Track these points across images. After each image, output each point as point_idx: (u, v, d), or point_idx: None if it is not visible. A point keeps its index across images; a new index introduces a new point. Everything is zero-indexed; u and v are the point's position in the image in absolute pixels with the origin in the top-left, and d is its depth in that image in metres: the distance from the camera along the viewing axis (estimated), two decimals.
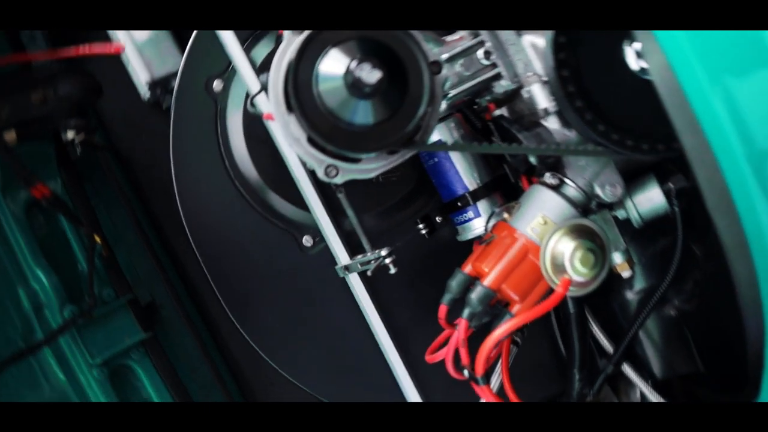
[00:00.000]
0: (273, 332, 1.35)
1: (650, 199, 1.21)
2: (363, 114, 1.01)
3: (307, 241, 1.34)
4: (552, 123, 1.16)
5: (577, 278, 1.09)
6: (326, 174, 1.07)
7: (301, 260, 1.35)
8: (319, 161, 1.06)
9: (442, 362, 1.18)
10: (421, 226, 1.36)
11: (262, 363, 1.37)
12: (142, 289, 1.48)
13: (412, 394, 1.33)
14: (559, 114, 1.15)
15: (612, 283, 1.30)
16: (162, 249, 1.52)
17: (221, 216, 1.34)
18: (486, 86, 1.20)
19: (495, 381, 1.22)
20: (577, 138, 1.15)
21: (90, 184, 1.42)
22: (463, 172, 1.28)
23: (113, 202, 1.47)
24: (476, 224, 1.29)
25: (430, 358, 1.22)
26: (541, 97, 1.15)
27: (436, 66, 1.08)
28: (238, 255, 1.35)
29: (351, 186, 1.19)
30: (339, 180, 1.07)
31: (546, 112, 1.15)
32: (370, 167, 1.07)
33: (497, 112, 1.27)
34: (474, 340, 1.14)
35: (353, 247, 1.31)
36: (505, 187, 1.31)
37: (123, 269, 1.45)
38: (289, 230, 1.34)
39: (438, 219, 1.37)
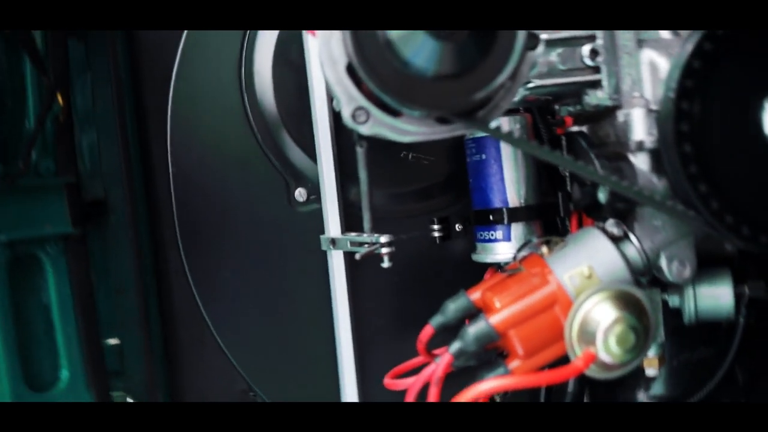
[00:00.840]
0: (221, 284, 1.12)
1: (716, 296, 0.98)
2: (427, 57, 0.77)
3: (299, 194, 1.11)
4: (641, 161, 0.92)
5: (604, 357, 0.85)
6: (353, 117, 0.83)
7: (285, 214, 1.11)
8: (351, 99, 0.82)
9: (399, 391, 0.95)
10: (436, 227, 1.12)
11: (198, 316, 1.14)
12: (97, 183, 1.25)
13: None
14: (654, 154, 0.91)
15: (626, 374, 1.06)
16: (137, 146, 1.28)
17: (214, 128, 1.11)
18: (576, 91, 0.96)
19: None
20: (665, 190, 0.91)
21: (78, 43, 1.18)
22: (510, 183, 1.05)
23: (102, 79, 1.23)
24: (502, 248, 1.05)
25: (390, 383, 0.98)
26: (639, 127, 0.91)
27: (533, 39, 0.85)
28: (216, 179, 1.11)
29: (374, 148, 0.96)
30: (366, 129, 0.83)
31: (639, 147, 0.91)
32: (408, 129, 0.83)
33: (574, 128, 1.03)
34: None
35: (349, 222, 1.07)
36: (549, 219, 1.08)
37: (82, 150, 1.21)
38: (284, 175, 1.10)
39: (458, 226, 1.13)
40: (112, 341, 1.31)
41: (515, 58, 0.77)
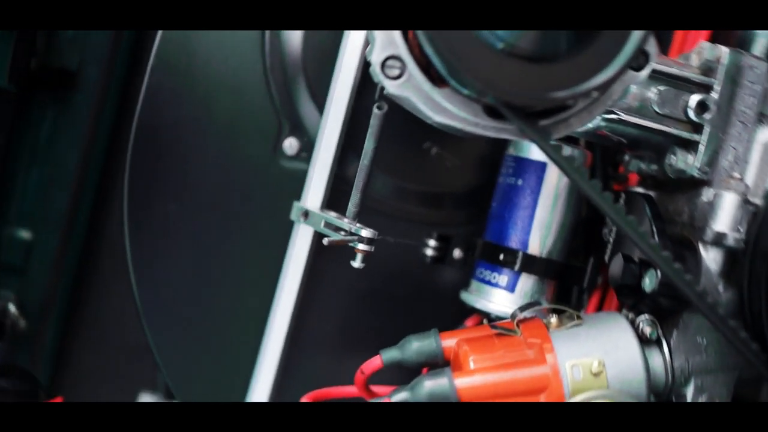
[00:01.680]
0: (158, 218, 0.90)
1: None
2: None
3: (289, 145, 0.89)
4: (712, 259, 0.72)
5: None
6: (384, 67, 0.62)
7: (263, 162, 0.90)
8: (388, 43, 0.61)
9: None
10: (432, 244, 0.90)
11: (123, 248, 0.92)
12: (74, 52, 1.04)
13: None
14: (732, 256, 0.71)
15: None
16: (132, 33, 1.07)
17: (215, 34, 0.89)
18: (661, 146, 0.76)
19: None
20: (730, 305, 0.71)
21: None
22: (538, 225, 0.84)
23: None
24: (500, 298, 0.85)
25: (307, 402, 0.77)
26: (726, 217, 0.71)
27: (642, 56, 0.64)
28: (199, 92, 0.89)
29: (395, 121, 0.76)
30: (393, 87, 0.62)
31: (717, 240, 0.70)
32: (446, 107, 0.63)
33: (638, 189, 0.82)
34: None
35: (334, 199, 0.86)
36: (567, 285, 0.87)
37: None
38: (279, 117, 0.89)
39: (458, 252, 0.92)
40: (24, 234, 1.10)
41: (622, 59, 0.56)
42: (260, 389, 0.87)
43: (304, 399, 0.77)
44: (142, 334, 0.93)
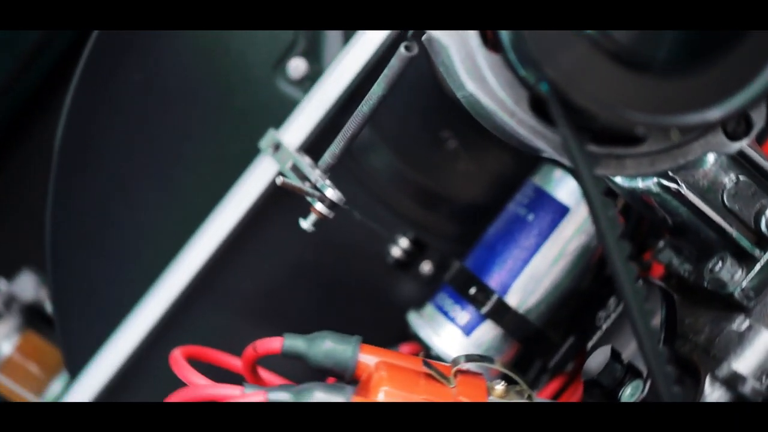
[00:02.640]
0: (114, 90, 0.74)
1: None
2: None
3: (295, 67, 0.74)
4: (717, 397, 0.56)
5: None
6: None
7: (258, 75, 0.74)
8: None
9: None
10: (403, 243, 0.76)
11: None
12: None
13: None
14: (740, 405, 0.56)
15: None
16: None
17: None
18: (709, 245, 0.61)
19: None
20: None
21: None
22: (529, 274, 0.69)
23: None
24: (449, 335, 0.70)
25: (177, 360, 0.62)
26: (754, 359, 0.56)
27: (744, 123, 0.50)
28: None
29: (411, 96, 0.62)
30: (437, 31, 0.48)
31: (732, 381, 0.55)
32: (485, 75, 0.49)
33: (658, 282, 0.68)
34: None
35: (315, 147, 0.71)
36: (530, 355, 0.72)
37: None
38: (295, 32, 0.74)
39: (428, 266, 0.77)
40: None
41: (738, 104, 0.42)
42: (139, 323, 0.72)
43: (177, 351, 0.62)
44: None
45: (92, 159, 0.75)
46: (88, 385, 0.74)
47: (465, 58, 0.48)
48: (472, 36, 0.48)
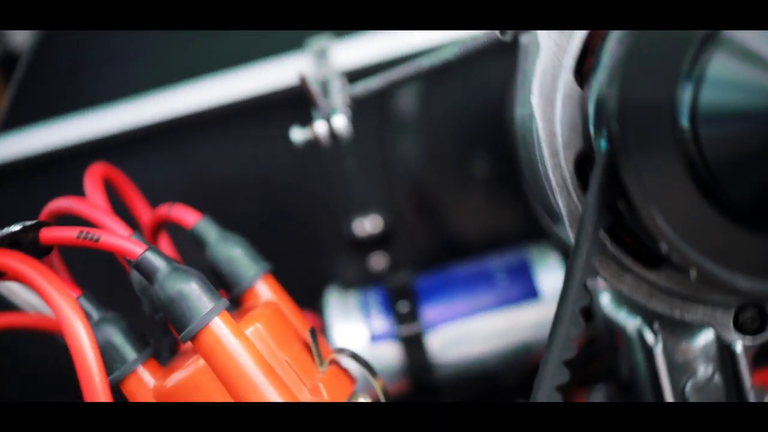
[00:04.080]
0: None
1: None
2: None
3: None
4: None
5: None
6: None
7: None
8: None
9: None
10: (369, 224, 0.70)
11: None
12: None
13: None
14: None
15: None
16: None
17: None
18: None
19: None
20: None
21: None
22: (463, 331, 0.64)
23: None
24: (356, 330, 0.64)
25: (96, 171, 0.56)
26: None
27: (760, 320, 0.44)
28: None
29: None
30: (539, 35, 0.43)
31: None
32: (556, 103, 0.43)
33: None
34: None
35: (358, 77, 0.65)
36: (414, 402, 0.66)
37: None
38: None
39: (378, 261, 0.71)
40: None
41: None
42: (95, 118, 0.66)
43: (99, 164, 0.56)
44: None
45: None
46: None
47: (548, 72, 0.43)
48: (569, 57, 0.43)
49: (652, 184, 0.38)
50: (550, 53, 0.43)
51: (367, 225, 0.71)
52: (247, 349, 0.44)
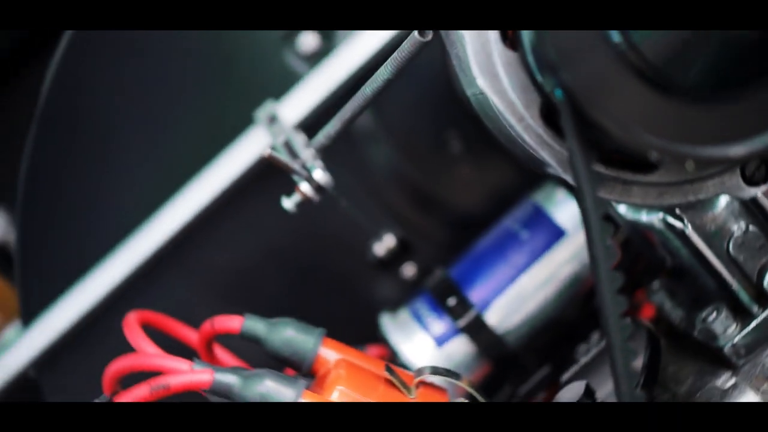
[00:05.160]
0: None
1: None
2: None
3: (305, 42, 0.71)
4: None
5: None
6: None
7: (265, 45, 0.71)
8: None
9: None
10: (388, 241, 0.73)
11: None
12: None
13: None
14: None
15: None
16: None
17: None
18: (705, 293, 0.57)
19: None
20: None
21: None
22: (513, 294, 0.66)
23: None
24: (419, 345, 0.67)
25: (131, 327, 0.58)
26: None
27: (765, 169, 0.47)
28: None
29: (420, 93, 0.59)
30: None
31: None
32: (497, 72, 0.45)
33: (646, 323, 0.64)
34: None
35: (313, 127, 0.67)
36: (500, 374, 0.69)
37: None
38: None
39: (411, 270, 0.74)
40: None
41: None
42: (101, 279, 0.69)
43: (133, 314, 0.59)
44: None
45: (80, 106, 0.72)
46: (38, 337, 0.71)
47: (480, 51, 0.45)
48: (493, 37, 0.45)
49: (611, 103, 0.41)
50: (474, 34, 0.45)
51: (385, 244, 0.73)
52: None
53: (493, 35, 0.45)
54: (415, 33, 0.50)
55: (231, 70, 0.72)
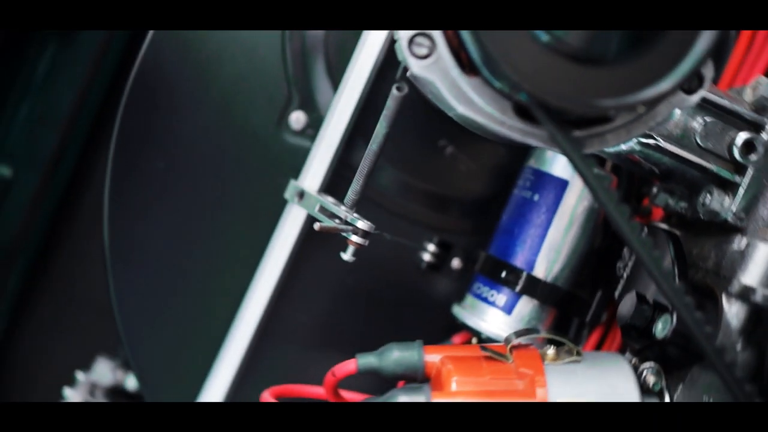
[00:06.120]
0: (144, 173, 0.82)
1: None
2: None
3: (296, 119, 0.82)
4: (734, 313, 0.65)
5: None
6: (411, 44, 0.56)
7: (266, 133, 0.83)
8: (420, 22, 0.55)
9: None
10: (431, 249, 0.84)
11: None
12: None
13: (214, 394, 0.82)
14: (757, 314, 0.64)
15: None
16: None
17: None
18: (696, 182, 0.69)
19: None
20: (746, 367, 0.64)
21: None
22: (548, 247, 0.77)
23: None
24: (495, 318, 0.78)
25: (268, 398, 0.70)
26: (757, 270, 0.64)
27: (696, 79, 0.58)
28: (207, 49, 0.82)
29: (410, 115, 0.70)
30: (418, 68, 0.56)
31: (743, 294, 0.64)
32: (471, 97, 0.56)
33: (663, 226, 0.76)
34: None
35: (334, 184, 0.80)
36: (568, 315, 0.80)
37: None
38: (290, 88, 0.82)
39: (457, 262, 0.85)
40: (5, 171, 1.03)
41: (683, 71, 0.50)
42: (221, 376, 0.80)
43: (266, 393, 0.71)
44: (108, 296, 0.86)
45: (141, 244, 0.83)
46: None
47: (450, 86, 0.56)
48: (452, 67, 0.56)
49: (553, 85, 0.52)
50: (440, 75, 0.56)
51: (429, 251, 0.85)
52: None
53: (455, 71, 0.56)
54: (394, 91, 0.61)
55: (245, 164, 0.83)
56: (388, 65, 0.77)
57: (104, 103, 0.99)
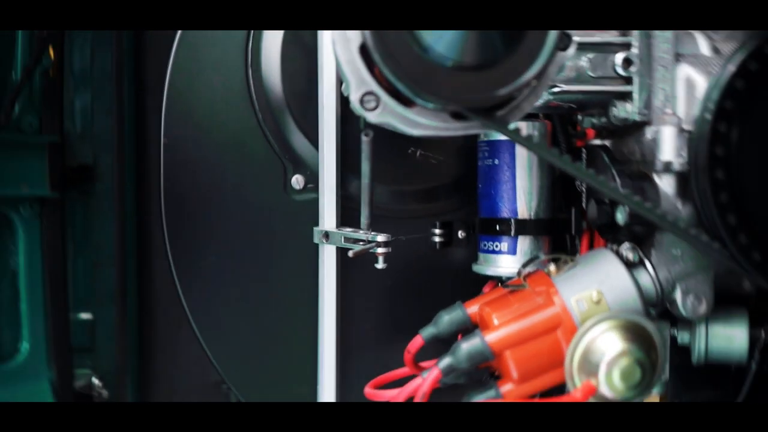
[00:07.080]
0: (203, 269, 1.04)
1: (730, 337, 0.91)
2: (449, 45, 0.70)
3: (296, 181, 1.04)
4: (666, 184, 0.85)
5: (605, 391, 0.78)
6: (362, 102, 0.76)
7: (279, 201, 1.04)
8: (361, 82, 0.75)
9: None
10: (438, 231, 1.05)
11: (176, 300, 1.06)
12: (86, 147, 1.18)
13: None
14: (682, 178, 0.84)
15: None
16: (132, 114, 1.21)
17: (213, 103, 1.04)
18: (604, 102, 0.89)
19: None
20: (689, 217, 0.85)
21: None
22: (521, 193, 0.98)
23: (102, 41, 1.16)
24: (506, 261, 0.98)
25: (371, 393, 0.91)
26: (668, 147, 0.84)
27: (566, 39, 0.78)
28: (210, 157, 1.03)
29: (380, 140, 0.90)
30: (374, 117, 0.76)
31: (666, 168, 0.84)
32: (419, 121, 0.76)
33: (596, 142, 0.96)
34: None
35: (346, 216, 1.00)
36: (559, 235, 1.01)
37: (74, 111, 1.14)
38: (282, 158, 1.03)
39: (461, 233, 1.06)
40: (84, 316, 1.24)
41: (544, 56, 0.70)
42: (327, 389, 1.01)
43: (368, 387, 0.91)
44: (210, 374, 1.07)
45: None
46: None
47: (401, 119, 0.76)
48: (396, 106, 0.76)
49: (468, 95, 0.72)
50: (394, 118, 0.76)
51: (437, 234, 1.06)
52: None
53: (400, 108, 0.76)
54: (363, 137, 0.82)
55: (274, 232, 1.04)
56: (346, 113, 0.98)
57: (141, 229, 1.19)
